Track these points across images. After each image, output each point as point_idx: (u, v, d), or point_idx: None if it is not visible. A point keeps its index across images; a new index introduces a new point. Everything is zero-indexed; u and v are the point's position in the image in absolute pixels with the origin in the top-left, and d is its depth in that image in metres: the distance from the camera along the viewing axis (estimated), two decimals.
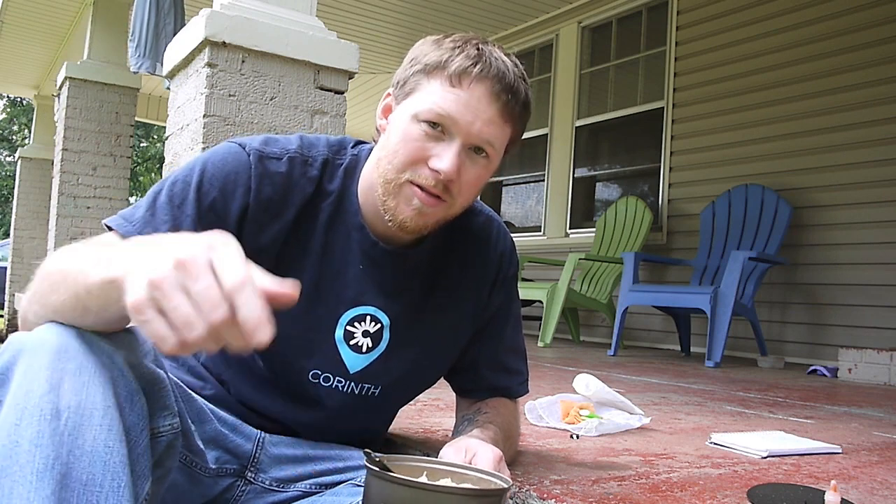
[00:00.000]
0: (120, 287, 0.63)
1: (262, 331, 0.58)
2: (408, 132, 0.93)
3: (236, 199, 0.95)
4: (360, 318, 1.03)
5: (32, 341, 0.72)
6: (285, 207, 0.98)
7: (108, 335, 0.76)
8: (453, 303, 1.10)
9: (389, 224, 0.97)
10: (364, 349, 1.04)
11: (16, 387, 0.69)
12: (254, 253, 0.96)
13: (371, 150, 1.05)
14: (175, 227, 0.91)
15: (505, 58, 0.95)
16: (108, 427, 0.69)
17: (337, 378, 1.04)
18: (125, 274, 0.62)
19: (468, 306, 1.12)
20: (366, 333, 1.04)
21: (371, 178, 1.00)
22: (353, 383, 1.05)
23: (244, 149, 0.98)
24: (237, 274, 0.59)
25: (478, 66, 0.92)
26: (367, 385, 1.06)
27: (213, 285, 0.58)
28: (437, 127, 0.92)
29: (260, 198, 0.96)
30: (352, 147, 1.07)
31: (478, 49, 0.93)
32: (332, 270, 1.02)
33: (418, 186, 0.93)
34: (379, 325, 1.04)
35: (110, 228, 0.93)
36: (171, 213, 0.92)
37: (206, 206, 0.93)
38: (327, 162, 1.02)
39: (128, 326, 0.79)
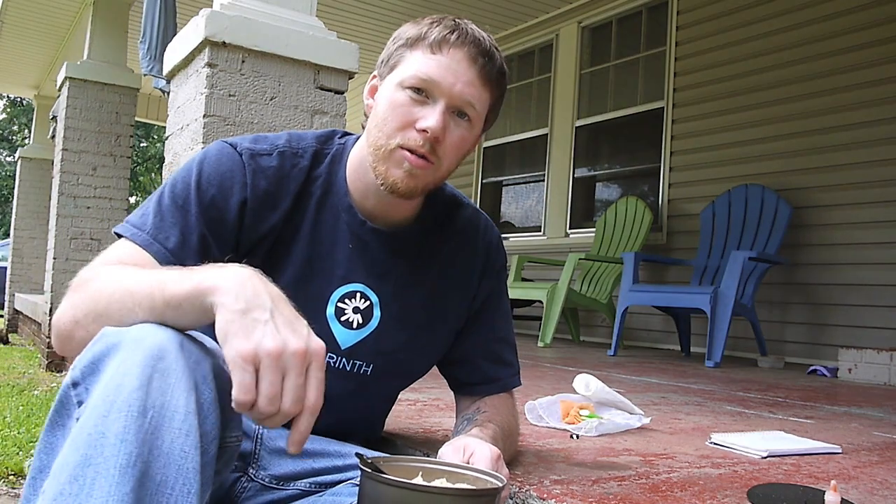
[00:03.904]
0: (209, 297, 0.74)
1: (299, 446, 0.73)
2: (394, 100, 1.00)
3: (234, 195, 1.01)
4: (351, 295, 1.08)
5: (129, 337, 0.73)
6: (280, 197, 1.04)
7: (201, 340, 0.79)
8: (444, 288, 1.15)
9: (382, 188, 1.02)
10: (354, 325, 1.08)
11: (107, 379, 0.70)
12: (255, 241, 1.02)
13: (357, 138, 1.11)
14: (184, 226, 0.97)
15: (479, 30, 1.02)
16: (186, 432, 0.70)
17: (329, 354, 1.07)
18: (218, 287, 0.74)
19: (458, 293, 1.16)
20: (356, 310, 1.08)
21: (359, 159, 1.07)
22: (344, 359, 1.08)
23: (236, 148, 1.04)
24: (319, 398, 0.73)
25: (455, 34, 0.99)
26: (358, 362, 1.09)
27: (302, 385, 0.71)
28: (422, 92, 0.99)
29: (256, 192, 1.02)
30: (339, 138, 1.13)
31: (454, 21, 1.02)
32: (323, 250, 1.07)
33: (408, 150, 0.99)
34: (368, 303, 1.09)
35: (121, 236, 0.97)
36: (176, 214, 0.98)
37: (207, 203, 0.99)
38: (316, 152, 1.09)
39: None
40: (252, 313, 0.72)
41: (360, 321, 1.08)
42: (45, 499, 0.66)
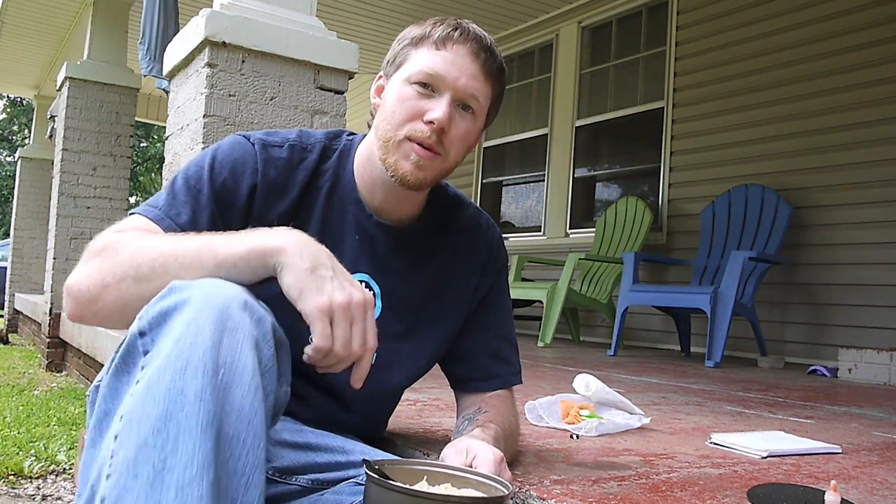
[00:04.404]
0: (273, 257, 0.82)
1: (362, 381, 0.84)
2: (402, 95, 1.04)
3: (245, 180, 1.05)
4: None
5: (198, 293, 0.75)
6: (289, 187, 1.08)
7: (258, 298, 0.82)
8: (444, 284, 1.18)
9: (392, 180, 1.05)
10: None
11: (179, 334, 0.72)
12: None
13: (364, 137, 1.15)
14: (196, 205, 1.01)
15: (480, 28, 1.08)
16: (255, 388, 0.73)
17: None
18: (283, 248, 0.82)
19: (458, 289, 1.19)
20: None
21: (366, 155, 1.11)
22: None
23: (249, 139, 1.09)
24: (376, 340, 0.83)
25: (458, 31, 1.04)
26: None
27: (366, 328, 0.82)
28: (428, 87, 1.03)
29: (266, 179, 1.06)
30: (347, 136, 1.17)
31: (456, 21, 1.07)
32: (330, 242, 1.09)
33: (415, 142, 1.02)
34: (371, 293, 1.08)
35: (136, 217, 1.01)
36: (188, 193, 1.02)
37: (218, 185, 1.03)
38: (325, 148, 1.13)
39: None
40: (318, 271, 0.81)
41: None
42: (126, 446, 0.68)
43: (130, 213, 1.01)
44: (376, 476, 0.76)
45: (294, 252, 0.81)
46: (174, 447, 0.67)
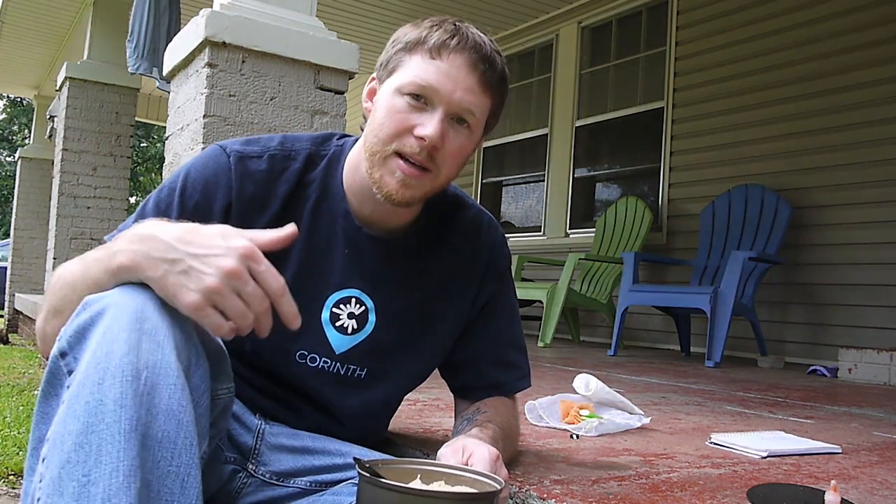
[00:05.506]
0: (133, 276, 0.77)
1: (297, 319, 0.78)
2: (392, 106, 0.98)
3: (218, 199, 1.01)
4: (346, 301, 1.07)
5: (112, 302, 0.74)
6: (270, 200, 1.04)
7: None
8: (443, 291, 1.13)
9: (378, 196, 1.00)
10: (350, 331, 1.08)
11: (95, 346, 0.71)
12: None
13: (356, 140, 1.09)
14: None
15: (481, 34, 1.00)
16: (181, 387, 0.71)
17: (323, 359, 1.07)
18: (135, 266, 0.77)
19: (459, 295, 1.14)
20: (351, 315, 1.07)
21: (357, 162, 1.05)
22: (338, 364, 1.08)
23: (225, 151, 1.04)
24: (278, 281, 0.77)
25: (455, 39, 0.97)
26: (352, 366, 1.09)
27: (256, 286, 0.75)
28: (420, 99, 0.97)
29: (242, 195, 1.02)
30: (337, 139, 1.12)
31: (454, 25, 0.99)
32: (319, 255, 1.06)
33: (403, 158, 0.97)
34: (364, 308, 1.08)
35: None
36: (157, 217, 0.96)
37: (189, 209, 1.00)
38: (311, 155, 1.08)
39: None
40: (174, 269, 0.75)
41: (356, 326, 1.08)
42: (51, 466, 0.67)
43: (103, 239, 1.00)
44: (368, 475, 0.76)
45: (145, 266, 0.76)
46: (97, 459, 0.65)
